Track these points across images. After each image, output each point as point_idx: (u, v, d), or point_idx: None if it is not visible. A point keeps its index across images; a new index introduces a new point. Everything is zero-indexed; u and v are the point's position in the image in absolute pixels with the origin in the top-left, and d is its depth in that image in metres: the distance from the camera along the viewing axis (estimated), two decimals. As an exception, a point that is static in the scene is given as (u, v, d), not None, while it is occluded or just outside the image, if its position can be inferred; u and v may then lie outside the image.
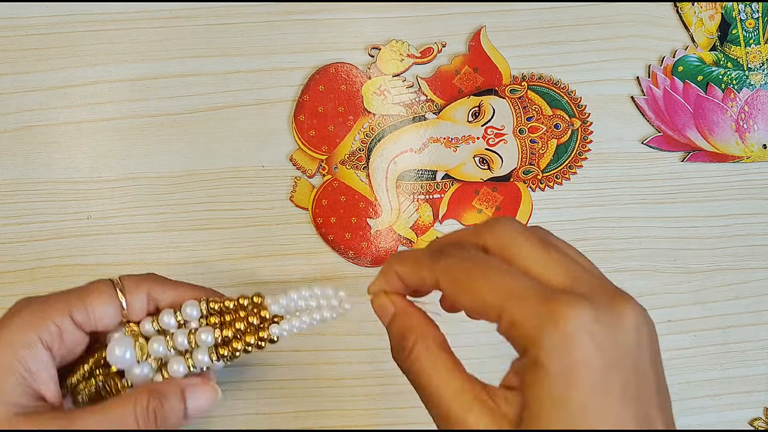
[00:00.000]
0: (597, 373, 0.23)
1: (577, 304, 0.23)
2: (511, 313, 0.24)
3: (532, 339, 0.23)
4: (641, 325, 0.24)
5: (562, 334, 0.23)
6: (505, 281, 0.24)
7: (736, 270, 0.42)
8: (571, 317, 0.23)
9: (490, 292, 0.24)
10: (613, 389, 0.23)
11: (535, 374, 0.23)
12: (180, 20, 0.40)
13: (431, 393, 0.26)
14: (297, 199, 0.40)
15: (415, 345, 0.27)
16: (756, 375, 0.41)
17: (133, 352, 0.29)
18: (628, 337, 0.24)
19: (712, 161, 0.41)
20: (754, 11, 0.42)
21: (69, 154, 0.39)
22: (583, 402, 0.23)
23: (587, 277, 0.25)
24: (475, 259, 0.26)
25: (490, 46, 0.41)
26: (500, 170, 0.41)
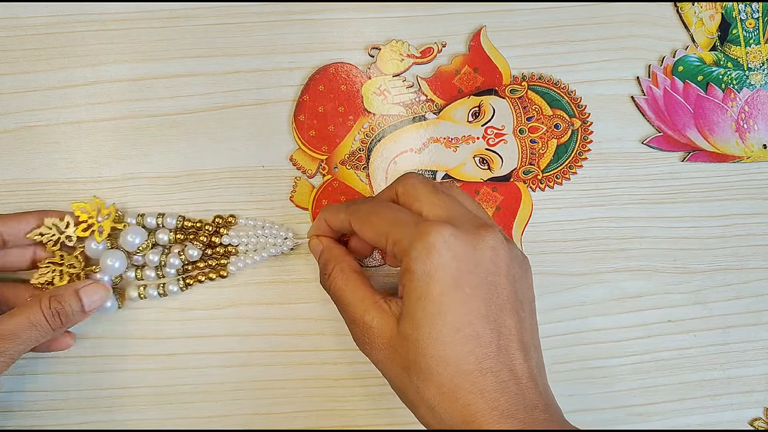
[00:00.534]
0: (452, 274, 0.29)
1: (440, 225, 0.30)
2: (393, 235, 0.31)
3: (405, 251, 0.30)
4: (498, 248, 0.31)
5: (425, 244, 0.30)
6: (392, 214, 0.32)
7: (736, 270, 0.42)
8: (433, 233, 0.30)
9: (381, 223, 0.32)
10: (465, 288, 0.30)
11: (406, 278, 0.30)
12: (180, 20, 0.40)
13: (344, 302, 0.33)
14: (297, 199, 0.40)
15: (334, 269, 0.34)
16: (756, 375, 0.41)
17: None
18: (484, 254, 0.30)
19: (712, 161, 0.41)
20: (754, 11, 0.42)
21: (69, 154, 0.39)
22: (439, 294, 0.29)
23: (464, 214, 0.32)
24: (372, 202, 0.34)
25: (490, 46, 0.41)
26: (500, 170, 0.41)
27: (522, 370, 0.30)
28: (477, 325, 0.29)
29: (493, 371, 0.29)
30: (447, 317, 0.29)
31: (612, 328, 0.41)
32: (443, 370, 0.29)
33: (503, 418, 0.28)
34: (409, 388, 0.30)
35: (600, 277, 0.41)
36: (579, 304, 0.41)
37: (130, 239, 0.37)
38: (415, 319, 0.30)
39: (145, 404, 0.39)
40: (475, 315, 0.29)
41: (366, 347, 0.32)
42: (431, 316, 0.29)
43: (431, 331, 0.29)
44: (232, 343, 0.39)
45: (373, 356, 0.32)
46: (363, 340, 0.32)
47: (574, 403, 0.41)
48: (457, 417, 0.29)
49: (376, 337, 0.31)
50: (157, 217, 0.38)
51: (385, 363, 0.31)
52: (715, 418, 0.41)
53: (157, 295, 0.38)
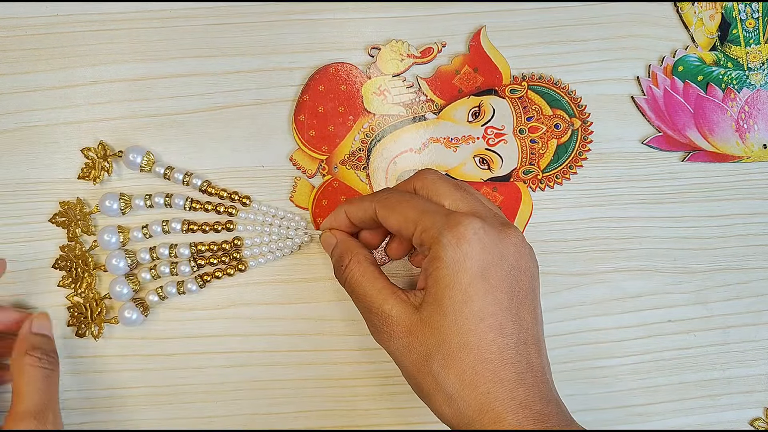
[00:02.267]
0: (480, 264, 0.30)
1: (470, 217, 0.31)
2: (423, 223, 0.31)
3: (435, 239, 0.31)
4: (520, 246, 0.32)
5: (455, 234, 0.30)
6: (421, 204, 0.32)
7: (736, 270, 0.42)
8: (464, 223, 0.30)
9: (410, 210, 0.32)
10: (491, 279, 0.30)
11: (434, 265, 0.30)
12: (180, 20, 0.40)
13: (360, 293, 0.33)
14: (297, 199, 0.40)
15: (351, 261, 0.34)
16: (756, 375, 0.41)
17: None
18: (509, 249, 0.31)
19: (713, 161, 0.41)
20: (754, 11, 0.42)
21: (69, 154, 0.39)
22: (467, 284, 0.30)
23: (487, 209, 0.33)
24: (402, 193, 0.34)
25: (490, 46, 0.41)
26: (500, 170, 0.41)
27: (537, 364, 0.30)
28: (500, 316, 0.30)
29: (513, 362, 0.30)
30: (473, 306, 0.30)
31: (612, 328, 0.41)
32: (466, 357, 0.29)
33: (521, 408, 0.29)
34: (426, 376, 0.30)
35: (600, 277, 0.41)
36: (579, 304, 0.41)
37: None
38: (441, 305, 0.30)
39: (145, 404, 0.39)
40: (499, 306, 0.30)
41: (383, 336, 0.32)
42: (458, 304, 0.30)
43: (457, 318, 0.30)
44: (232, 343, 0.39)
45: (391, 345, 0.32)
46: (381, 329, 0.32)
47: (574, 403, 0.41)
48: (475, 405, 0.29)
49: (395, 325, 0.31)
50: (185, 175, 0.39)
51: (402, 352, 0.31)
52: (715, 418, 0.41)
53: (176, 292, 0.38)
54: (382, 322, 0.32)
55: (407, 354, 0.31)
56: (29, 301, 0.39)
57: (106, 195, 0.38)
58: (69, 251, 0.38)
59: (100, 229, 0.38)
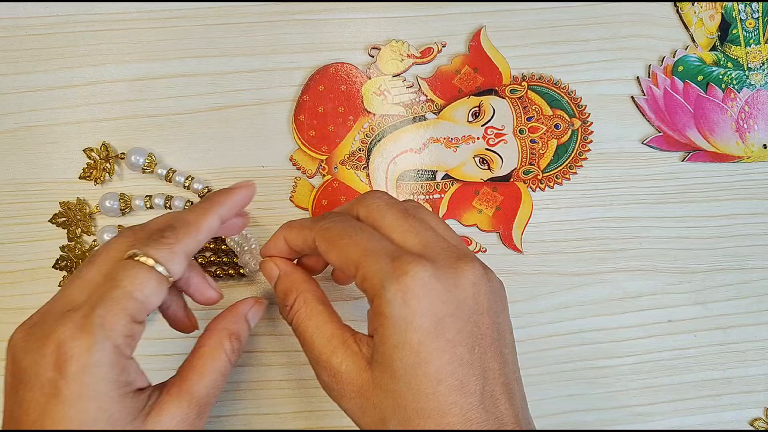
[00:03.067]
0: (432, 319, 0.26)
1: (417, 263, 0.27)
2: (364, 268, 0.27)
3: (378, 292, 0.27)
4: (479, 283, 0.28)
5: (401, 286, 0.26)
6: (364, 241, 0.28)
7: (736, 270, 0.42)
8: (411, 273, 0.26)
9: (352, 249, 0.28)
10: (447, 333, 0.26)
11: (379, 321, 0.27)
12: (180, 20, 0.40)
13: (307, 340, 0.29)
14: (297, 200, 0.40)
15: (296, 300, 0.30)
16: (756, 375, 0.41)
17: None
18: (465, 292, 0.27)
19: (713, 161, 0.41)
20: (754, 11, 0.42)
21: (69, 154, 0.39)
22: (418, 343, 0.26)
23: (438, 242, 0.29)
24: (345, 223, 0.30)
25: (490, 46, 0.41)
26: (500, 170, 0.41)
27: (507, 414, 0.27)
28: (461, 374, 0.26)
29: (479, 421, 0.26)
30: (428, 368, 0.26)
31: (612, 328, 0.41)
32: (424, 424, 0.26)
33: None
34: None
35: (600, 277, 0.41)
36: (579, 304, 0.41)
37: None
38: (391, 368, 0.27)
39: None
40: (459, 363, 0.26)
41: (333, 393, 0.29)
42: (410, 367, 0.26)
43: (410, 383, 0.26)
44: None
45: (343, 404, 0.28)
46: (330, 385, 0.29)
47: (574, 403, 0.41)
48: None
49: (345, 383, 0.28)
50: (186, 179, 0.38)
51: (356, 412, 0.28)
52: (715, 418, 0.41)
53: None
54: (331, 378, 0.28)
55: (361, 416, 0.28)
56: (29, 302, 0.39)
57: (106, 195, 0.38)
58: (69, 251, 0.38)
59: (99, 229, 0.38)
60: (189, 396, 0.29)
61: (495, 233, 0.40)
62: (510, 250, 0.40)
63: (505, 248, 0.40)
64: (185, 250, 0.29)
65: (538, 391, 0.40)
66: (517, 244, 0.40)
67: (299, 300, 0.30)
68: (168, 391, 0.29)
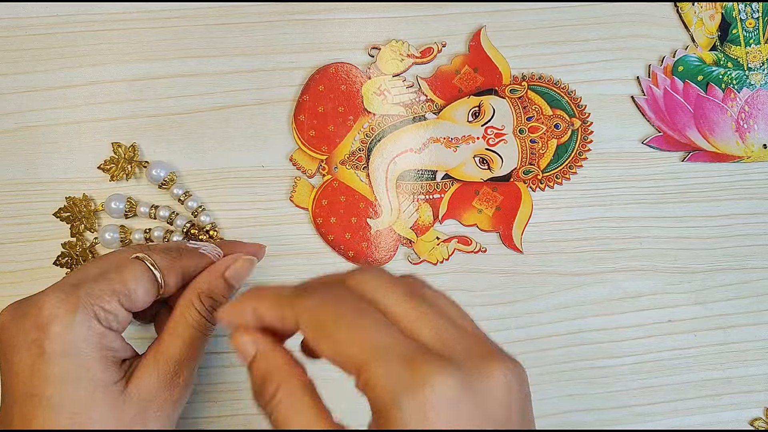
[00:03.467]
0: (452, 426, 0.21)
1: (440, 369, 0.21)
2: (370, 372, 0.22)
3: (388, 406, 0.21)
4: (512, 384, 0.23)
5: (420, 399, 0.21)
6: (369, 334, 0.22)
7: (736, 270, 0.42)
8: (432, 383, 0.21)
9: (354, 343, 0.22)
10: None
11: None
12: (180, 20, 0.40)
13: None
14: (297, 199, 0.40)
15: (278, 390, 0.24)
16: (756, 375, 0.41)
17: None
18: (497, 401, 0.22)
19: (713, 161, 0.41)
20: (754, 11, 0.42)
21: (69, 154, 0.39)
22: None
23: (457, 334, 0.23)
24: (340, 302, 0.23)
25: (490, 46, 0.40)
26: (500, 170, 0.41)
27: None
28: None
29: None
30: None
31: (612, 328, 0.41)
32: None
33: None
34: None
35: (600, 277, 0.41)
36: (579, 304, 0.41)
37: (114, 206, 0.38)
38: None
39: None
40: None
41: None
42: None
43: None
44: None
45: None
46: None
47: (574, 403, 0.41)
48: None
49: None
50: (197, 209, 0.39)
51: None
52: (715, 418, 0.41)
53: None
54: None
55: None
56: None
57: (114, 196, 0.38)
58: (71, 248, 0.38)
59: (102, 227, 0.38)
60: (164, 357, 0.30)
61: (495, 233, 0.40)
62: (510, 250, 0.40)
63: (505, 248, 0.40)
64: (183, 271, 0.32)
65: (538, 391, 0.40)
66: (517, 244, 0.40)
67: (282, 390, 0.24)
68: (145, 355, 0.30)
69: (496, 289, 0.40)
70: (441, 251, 0.40)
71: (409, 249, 0.40)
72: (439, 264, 0.40)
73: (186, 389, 0.31)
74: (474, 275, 0.40)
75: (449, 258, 0.40)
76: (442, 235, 0.40)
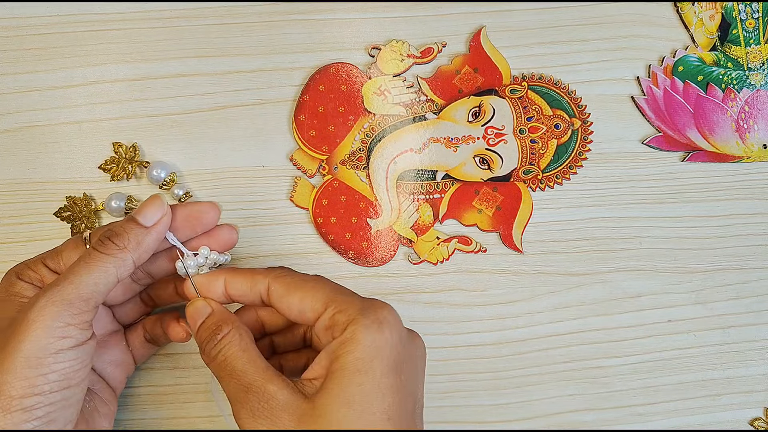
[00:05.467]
0: (395, 356, 0.28)
1: (389, 306, 0.30)
2: (339, 303, 0.29)
3: (354, 318, 0.28)
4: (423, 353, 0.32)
5: (378, 317, 0.28)
6: (333, 285, 0.31)
7: (736, 270, 0.42)
8: (386, 309, 0.29)
9: (322, 289, 0.30)
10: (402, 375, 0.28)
11: (347, 348, 0.28)
12: (180, 20, 0.40)
13: (238, 368, 0.29)
14: (297, 199, 0.40)
15: (231, 331, 0.30)
16: (756, 375, 0.42)
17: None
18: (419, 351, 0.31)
19: (713, 161, 0.41)
20: (754, 11, 0.42)
21: (69, 154, 0.39)
22: (381, 374, 0.27)
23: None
24: (301, 273, 0.32)
25: (490, 46, 0.41)
26: (500, 170, 0.41)
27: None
28: (406, 417, 0.28)
29: None
30: (384, 402, 0.27)
31: (612, 328, 0.41)
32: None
33: None
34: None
35: (600, 277, 0.41)
36: (579, 304, 0.41)
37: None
38: (346, 393, 0.27)
39: (146, 404, 0.39)
40: (404, 409, 0.28)
41: (262, 421, 0.27)
42: (367, 395, 0.27)
43: (363, 412, 0.27)
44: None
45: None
46: (259, 412, 0.27)
47: (575, 403, 0.41)
48: None
49: (281, 410, 0.27)
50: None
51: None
52: (715, 418, 0.41)
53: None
54: (264, 404, 0.27)
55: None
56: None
57: (114, 195, 0.38)
58: None
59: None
60: (52, 293, 0.29)
61: (495, 233, 0.41)
62: (510, 250, 0.40)
63: (505, 248, 0.40)
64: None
65: (538, 391, 0.40)
66: (517, 244, 0.40)
67: (234, 332, 0.30)
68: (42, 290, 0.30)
69: (496, 289, 0.41)
70: (441, 251, 0.40)
71: (410, 249, 0.40)
72: (440, 264, 0.40)
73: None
74: (474, 275, 0.40)
75: (449, 258, 0.40)
76: (442, 235, 0.40)
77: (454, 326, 0.40)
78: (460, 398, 0.40)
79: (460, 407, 0.40)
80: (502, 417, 0.40)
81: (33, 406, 0.27)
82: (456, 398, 0.40)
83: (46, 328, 0.27)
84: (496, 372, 0.41)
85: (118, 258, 0.30)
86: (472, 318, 0.40)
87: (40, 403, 0.27)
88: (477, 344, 0.40)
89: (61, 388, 0.28)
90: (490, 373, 0.41)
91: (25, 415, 0.27)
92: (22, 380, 0.27)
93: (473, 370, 0.40)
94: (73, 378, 0.28)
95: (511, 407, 0.40)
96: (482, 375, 0.40)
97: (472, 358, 0.40)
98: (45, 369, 0.27)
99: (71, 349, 0.28)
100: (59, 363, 0.28)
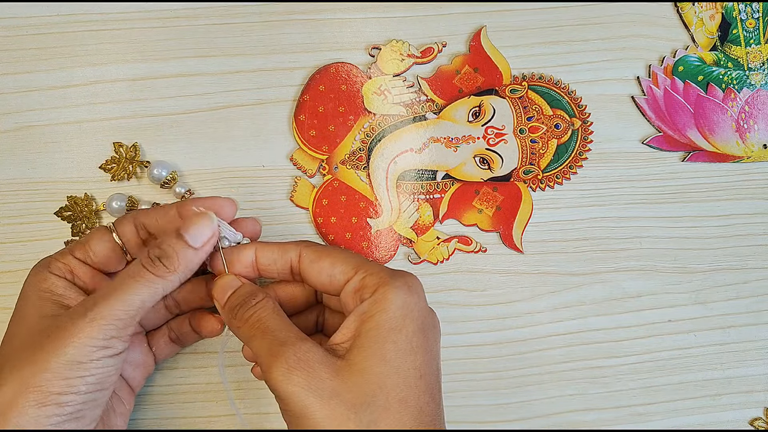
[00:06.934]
0: (423, 318, 0.30)
1: (413, 275, 0.32)
2: (367, 267, 0.31)
3: (385, 281, 0.30)
4: (439, 328, 0.32)
5: (406, 281, 0.30)
6: (358, 254, 0.33)
7: (736, 270, 0.42)
8: (411, 276, 0.31)
9: (350, 257, 0.32)
10: (429, 335, 0.30)
11: (379, 307, 0.29)
12: (180, 20, 0.40)
13: (272, 326, 0.30)
14: (297, 199, 0.40)
15: (265, 298, 0.31)
16: (756, 375, 0.42)
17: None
18: (436, 320, 0.32)
19: (713, 161, 0.41)
20: (754, 11, 0.42)
21: (69, 154, 0.39)
22: (412, 333, 0.29)
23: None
24: (329, 244, 0.35)
25: (490, 46, 0.41)
26: (500, 170, 0.41)
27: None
28: (433, 377, 0.30)
29: (436, 425, 0.29)
30: (416, 359, 0.29)
31: (612, 328, 0.41)
32: (405, 416, 0.28)
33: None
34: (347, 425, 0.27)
35: (600, 277, 0.41)
36: (579, 304, 0.41)
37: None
38: (382, 351, 0.28)
39: (146, 404, 0.39)
40: (432, 368, 0.30)
41: (299, 373, 0.28)
42: (402, 352, 0.29)
43: (399, 368, 0.28)
44: (232, 342, 0.39)
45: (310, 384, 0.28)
46: (297, 365, 0.28)
47: (575, 402, 0.41)
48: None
49: (317, 363, 0.28)
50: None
51: (322, 396, 0.27)
52: (715, 418, 0.41)
53: None
54: (301, 356, 0.28)
55: (327, 401, 0.27)
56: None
57: (115, 195, 0.38)
58: None
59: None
60: (87, 306, 0.30)
61: (495, 233, 0.41)
62: (510, 249, 0.40)
63: (506, 248, 0.40)
64: (141, 222, 0.34)
65: (538, 391, 0.40)
66: (517, 243, 0.40)
67: (267, 299, 0.32)
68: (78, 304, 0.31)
69: (496, 289, 0.41)
70: (441, 251, 0.40)
71: (410, 249, 0.40)
72: (440, 264, 0.40)
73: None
74: (474, 275, 0.40)
75: (449, 258, 0.40)
76: (442, 234, 0.40)
77: (454, 326, 0.40)
78: (460, 398, 0.40)
79: (460, 407, 0.40)
80: (502, 417, 0.40)
81: (67, 402, 0.28)
82: (456, 398, 0.40)
83: (92, 338, 0.29)
84: (496, 372, 0.41)
85: (167, 280, 0.31)
86: (471, 318, 0.40)
87: (73, 401, 0.29)
88: (477, 344, 0.40)
89: (95, 390, 0.29)
90: (490, 373, 0.41)
91: (58, 410, 0.28)
92: (62, 380, 0.28)
93: (473, 370, 0.40)
94: (106, 381, 0.30)
95: (511, 407, 0.40)
96: (482, 375, 0.40)
97: (472, 358, 0.40)
98: (84, 372, 0.29)
99: (110, 357, 0.30)
100: (98, 369, 0.29)
